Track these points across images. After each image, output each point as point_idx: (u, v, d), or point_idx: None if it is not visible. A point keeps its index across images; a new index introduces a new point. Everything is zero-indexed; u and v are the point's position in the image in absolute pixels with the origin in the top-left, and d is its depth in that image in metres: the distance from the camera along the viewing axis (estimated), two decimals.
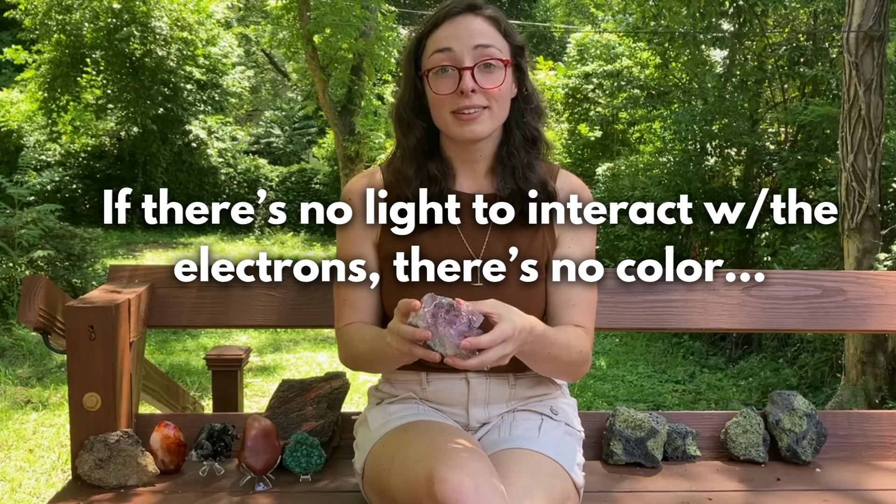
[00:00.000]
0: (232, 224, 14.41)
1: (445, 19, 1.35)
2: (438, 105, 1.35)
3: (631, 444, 1.61)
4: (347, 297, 1.41)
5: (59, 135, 13.25)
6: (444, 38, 1.33)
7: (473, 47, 1.32)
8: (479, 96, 1.32)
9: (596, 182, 9.53)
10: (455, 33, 1.33)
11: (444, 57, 1.33)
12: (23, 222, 6.20)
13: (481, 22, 1.34)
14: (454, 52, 1.32)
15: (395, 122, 1.44)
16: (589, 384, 5.36)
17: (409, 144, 1.41)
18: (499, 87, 1.33)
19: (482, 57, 1.32)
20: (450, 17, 1.35)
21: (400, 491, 1.21)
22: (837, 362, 5.18)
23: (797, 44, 7.68)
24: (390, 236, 1.41)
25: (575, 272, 1.41)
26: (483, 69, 1.32)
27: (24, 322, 1.55)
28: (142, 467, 1.48)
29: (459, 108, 1.32)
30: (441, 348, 1.12)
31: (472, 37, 1.32)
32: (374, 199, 1.43)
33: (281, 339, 6.46)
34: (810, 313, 1.72)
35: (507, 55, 1.35)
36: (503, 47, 1.35)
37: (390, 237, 1.41)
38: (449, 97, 1.33)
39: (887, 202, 5.29)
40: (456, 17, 1.34)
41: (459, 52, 1.32)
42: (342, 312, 1.42)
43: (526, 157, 1.41)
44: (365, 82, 11.60)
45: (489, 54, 1.32)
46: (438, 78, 1.33)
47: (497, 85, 1.33)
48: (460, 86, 1.31)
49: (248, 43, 18.53)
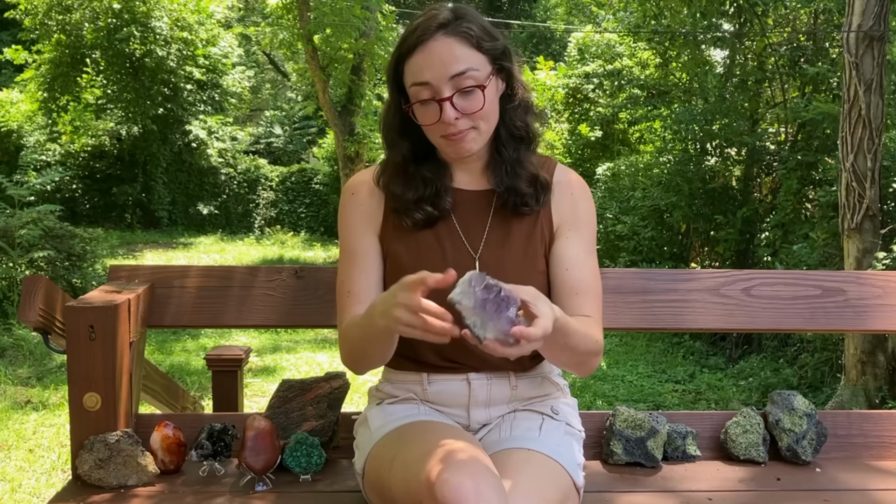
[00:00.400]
0: (232, 224, 14.43)
1: (417, 46, 1.31)
2: (427, 131, 1.37)
3: (631, 444, 1.61)
4: (352, 287, 1.41)
5: (59, 135, 13.25)
6: (420, 71, 1.31)
7: (450, 77, 1.30)
8: (464, 120, 1.32)
9: (596, 182, 9.53)
10: (429, 63, 1.30)
11: (422, 89, 1.32)
12: (23, 222, 6.20)
13: (453, 43, 1.30)
14: (431, 85, 1.31)
15: (382, 139, 1.46)
16: (589, 384, 5.36)
17: (395, 161, 1.43)
18: (481, 109, 1.32)
19: (460, 85, 1.30)
20: (421, 43, 1.31)
21: (400, 491, 1.21)
22: (837, 362, 5.18)
23: (797, 44, 7.68)
24: (392, 229, 1.42)
25: (575, 261, 1.41)
26: (462, 95, 1.31)
27: (24, 322, 1.56)
28: (142, 467, 1.48)
29: (447, 133, 1.33)
30: (481, 331, 1.07)
31: (447, 65, 1.29)
32: (376, 191, 1.44)
33: (281, 339, 6.46)
34: (810, 313, 1.73)
35: (487, 69, 1.33)
36: (481, 64, 1.32)
37: (392, 230, 1.42)
38: (434, 126, 1.34)
39: (887, 202, 5.28)
40: (427, 42, 1.30)
41: (436, 84, 1.30)
42: (344, 304, 1.41)
43: (514, 153, 1.41)
44: (365, 82, 11.60)
45: (467, 79, 1.30)
46: (422, 109, 1.34)
47: (478, 108, 1.32)
48: (442, 117, 1.31)
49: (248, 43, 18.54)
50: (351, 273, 1.42)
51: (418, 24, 1.33)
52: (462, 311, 1.08)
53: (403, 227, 1.41)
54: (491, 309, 1.07)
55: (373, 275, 1.41)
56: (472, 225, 1.42)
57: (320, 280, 1.72)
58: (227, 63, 14.90)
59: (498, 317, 1.07)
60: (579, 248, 1.42)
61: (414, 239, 1.40)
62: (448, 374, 1.40)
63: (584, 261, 1.42)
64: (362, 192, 1.46)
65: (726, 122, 7.68)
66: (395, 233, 1.42)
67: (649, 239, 8.08)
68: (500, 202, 1.42)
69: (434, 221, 1.41)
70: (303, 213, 14.65)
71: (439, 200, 1.40)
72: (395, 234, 1.42)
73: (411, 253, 1.39)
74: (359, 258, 1.42)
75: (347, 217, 1.46)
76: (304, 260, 11.62)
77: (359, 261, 1.42)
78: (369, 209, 1.44)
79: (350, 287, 1.41)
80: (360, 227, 1.44)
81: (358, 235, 1.44)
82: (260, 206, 14.80)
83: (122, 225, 13.47)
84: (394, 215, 1.42)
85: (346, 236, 1.45)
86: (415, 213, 1.39)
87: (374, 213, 1.44)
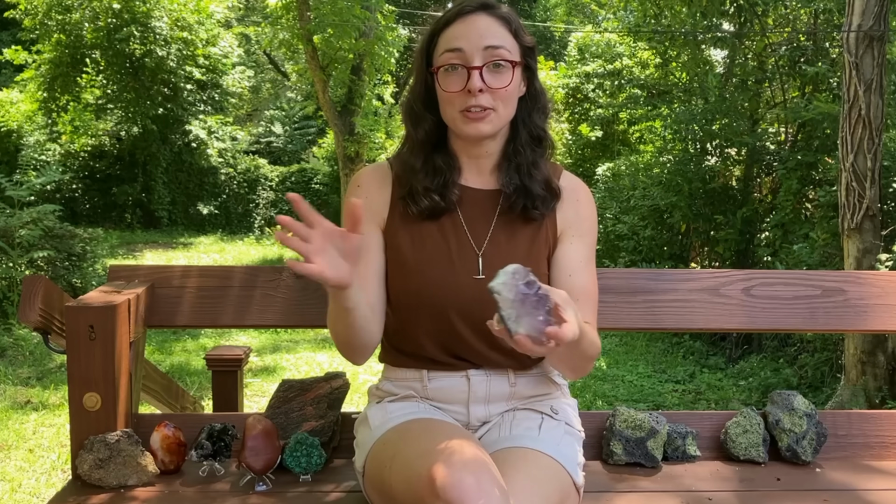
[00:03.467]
0: (232, 224, 14.43)
1: (457, 18, 1.36)
2: (447, 102, 1.37)
3: (631, 444, 1.61)
4: None
5: (59, 135, 13.25)
6: (455, 38, 1.35)
7: (483, 48, 1.33)
8: (486, 96, 1.34)
9: (596, 182, 9.54)
10: (466, 33, 1.35)
11: (454, 56, 1.35)
12: (23, 222, 6.20)
13: (493, 22, 1.36)
14: (464, 52, 1.34)
15: (406, 114, 1.46)
16: (589, 384, 5.36)
17: (418, 137, 1.43)
18: (506, 88, 1.35)
19: (491, 57, 1.33)
20: (462, 15, 1.36)
21: (401, 489, 1.21)
22: (837, 362, 5.19)
23: (797, 44, 7.68)
24: (396, 223, 1.43)
25: (577, 268, 1.42)
26: (492, 69, 1.34)
27: (24, 322, 1.56)
28: (142, 467, 1.48)
29: (467, 106, 1.34)
30: (515, 324, 1.07)
31: (483, 37, 1.34)
32: (383, 185, 1.45)
33: (281, 339, 6.46)
34: (810, 313, 1.73)
35: (517, 56, 1.37)
36: (513, 48, 1.36)
37: (396, 224, 1.43)
38: (457, 95, 1.35)
39: (887, 202, 5.28)
40: (468, 15, 1.36)
41: (469, 52, 1.33)
42: None
43: (532, 155, 1.43)
44: (365, 82, 11.59)
45: (499, 55, 1.34)
46: (448, 75, 1.35)
47: (505, 85, 1.34)
48: (468, 85, 1.33)
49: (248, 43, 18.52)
50: None
51: (460, 3, 1.38)
52: (499, 302, 1.08)
53: (409, 216, 1.41)
54: (529, 305, 1.08)
55: (371, 266, 1.41)
56: (477, 222, 1.42)
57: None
58: (227, 63, 14.89)
59: (534, 314, 1.08)
60: (582, 255, 1.43)
61: (419, 231, 1.41)
62: (447, 370, 1.40)
63: (585, 267, 1.43)
64: (368, 184, 1.46)
65: (726, 122, 7.69)
66: (400, 223, 1.42)
67: (649, 239, 8.08)
68: (506, 203, 1.42)
69: (440, 214, 1.41)
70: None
71: (447, 192, 1.41)
72: (401, 225, 1.42)
73: (416, 245, 1.40)
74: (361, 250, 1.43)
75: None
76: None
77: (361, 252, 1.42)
78: (374, 202, 1.45)
79: None
80: (364, 218, 1.44)
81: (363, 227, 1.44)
82: (260, 206, 14.79)
83: (122, 225, 13.48)
84: (401, 203, 1.43)
85: None
86: (422, 200, 1.40)
87: (380, 206, 1.45)
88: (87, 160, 13.48)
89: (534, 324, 1.08)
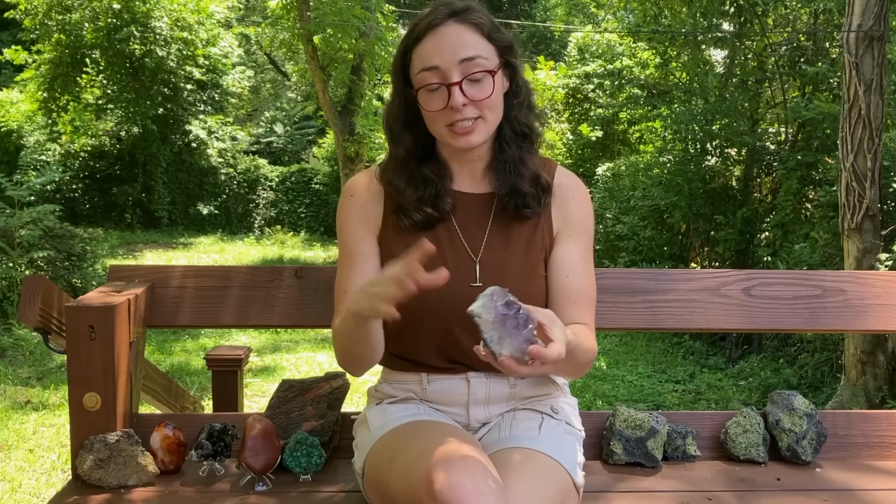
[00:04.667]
0: (232, 224, 14.43)
1: (428, 31, 1.32)
2: (432, 120, 1.35)
3: (631, 443, 1.61)
4: (348, 288, 1.40)
5: (59, 135, 13.25)
6: (429, 55, 1.31)
7: (459, 61, 1.30)
8: (471, 108, 1.31)
9: (596, 182, 9.53)
10: (439, 48, 1.31)
11: (431, 74, 1.31)
12: (23, 222, 6.20)
13: (464, 30, 1.32)
14: (441, 69, 1.30)
15: (385, 132, 1.44)
16: (589, 384, 5.36)
17: (399, 155, 1.41)
18: (489, 97, 1.32)
19: (469, 70, 1.30)
20: (432, 28, 1.32)
21: (400, 490, 1.21)
22: (837, 362, 5.18)
23: (797, 44, 7.67)
24: (390, 233, 1.42)
25: (574, 268, 1.41)
26: (471, 83, 1.31)
27: (24, 322, 1.56)
28: (142, 467, 1.48)
29: (453, 121, 1.32)
30: (498, 346, 1.08)
31: (457, 50, 1.30)
32: (376, 195, 1.44)
33: (281, 339, 6.46)
34: (810, 313, 1.72)
35: (495, 60, 1.34)
36: (489, 53, 1.33)
37: (390, 234, 1.42)
38: (441, 113, 1.32)
39: (887, 202, 5.28)
40: (438, 28, 1.31)
41: (446, 68, 1.30)
42: (340, 304, 1.41)
43: (517, 151, 1.40)
44: (365, 82, 11.60)
45: (476, 66, 1.31)
46: (428, 95, 1.33)
47: (487, 95, 1.32)
48: (450, 102, 1.30)
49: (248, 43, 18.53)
50: (348, 273, 1.42)
51: (428, 13, 1.33)
52: (480, 325, 1.09)
53: (403, 227, 1.40)
54: (510, 325, 1.08)
55: (369, 276, 1.40)
56: (472, 228, 1.41)
57: (320, 280, 1.72)
58: (227, 63, 14.89)
59: (516, 334, 1.08)
60: (579, 255, 1.42)
61: (414, 242, 1.40)
62: (447, 374, 1.40)
63: (583, 268, 1.42)
64: (361, 193, 1.45)
65: (726, 122, 7.68)
66: (394, 233, 1.41)
67: (649, 239, 8.07)
68: (500, 206, 1.41)
69: (434, 223, 1.40)
70: (303, 213, 14.64)
71: (439, 202, 1.39)
72: (395, 235, 1.41)
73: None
74: (356, 259, 1.42)
75: (345, 218, 1.45)
76: (304, 260, 11.61)
77: (356, 262, 1.42)
78: (368, 210, 1.44)
79: (346, 287, 1.41)
80: (358, 228, 1.43)
81: (355, 236, 1.43)
82: (260, 206, 14.79)
83: (122, 225, 13.48)
84: (393, 215, 1.42)
85: (344, 237, 1.45)
86: (414, 214, 1.39)
87: (373, 215, 1.43)
88: (87, 160, 13.48)
89: (516, 344, 1.08)
